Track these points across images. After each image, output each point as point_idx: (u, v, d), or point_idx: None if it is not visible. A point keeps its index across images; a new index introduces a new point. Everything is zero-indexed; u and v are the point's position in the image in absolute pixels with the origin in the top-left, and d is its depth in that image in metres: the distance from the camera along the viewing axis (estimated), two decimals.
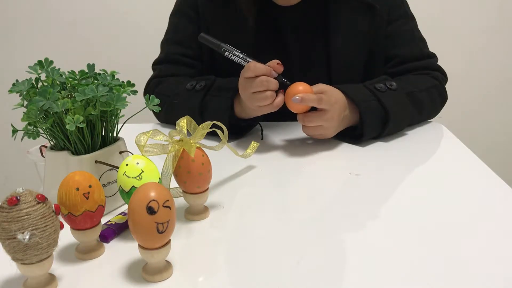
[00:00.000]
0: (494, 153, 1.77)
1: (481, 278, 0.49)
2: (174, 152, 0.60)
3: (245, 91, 0.82)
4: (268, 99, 0.80)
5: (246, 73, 0.81)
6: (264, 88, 0.80)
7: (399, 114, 0.88)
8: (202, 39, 0.89)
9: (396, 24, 0.99)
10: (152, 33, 1.28)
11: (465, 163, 0.81)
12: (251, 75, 0.80)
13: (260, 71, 0.80)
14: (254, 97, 0.81)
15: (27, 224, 0.43)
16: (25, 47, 1.68)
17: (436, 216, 0.62)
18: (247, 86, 0.81)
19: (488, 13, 1.67)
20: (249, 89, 0.81)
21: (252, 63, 0.81)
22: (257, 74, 0.80)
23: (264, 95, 0.80)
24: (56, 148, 0.63)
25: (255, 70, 0.80)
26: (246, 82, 0.82)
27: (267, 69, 0.80)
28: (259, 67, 0.80)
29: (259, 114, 0.87)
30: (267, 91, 0.80)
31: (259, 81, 0.79)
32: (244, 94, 0.83)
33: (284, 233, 0.59)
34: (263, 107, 0.82)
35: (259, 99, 0.81)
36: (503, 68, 1.74)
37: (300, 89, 0.80)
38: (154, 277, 0.49)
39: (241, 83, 0.83)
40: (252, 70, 0.80)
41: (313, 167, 0.80)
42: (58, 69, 0.62)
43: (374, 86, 0.88)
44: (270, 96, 0.80)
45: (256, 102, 0.81)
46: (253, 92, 0.81)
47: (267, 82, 0.79)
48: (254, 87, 0.80)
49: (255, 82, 0.80)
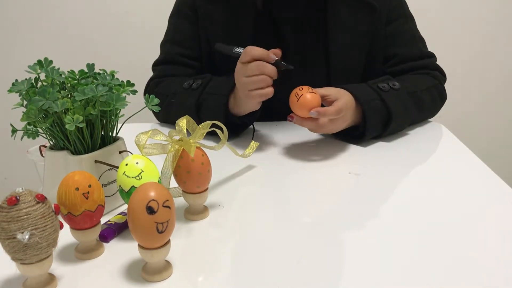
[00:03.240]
0: (494, 153, 1.78)
1: (481, 278, 0.49)
2: (174, 152, 0.60)
3: (240, 77, 0.80)
4: (260, 83, 0.77)
5: (243, 57, 0.79)
6: (258, 72, 0.77)
7: (401, 114, 0.88)
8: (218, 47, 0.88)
9: (395, 24, 0.99)
10: (152, 33, 1.28)
11: (465, 162, 0.81)
12: (248, 59, 0.78)
13: (257, 54, 0.77)
14: (247, 81, 0.78)
15: (27, 224, 0.43)
16: (25, 47, 1.68)
17: (435, 215, 0.62)
18: (242, 72, 0.79)
19: (488, 13, 1.68)
20: (243, 73, 0.78)
21: (249, 47, 0.79)
22: (254, 58, 0.78)
23: (258, 78, 0.77)
24: (55, 148, 0.63)
25: (252, 52, 0.78)
26: (242, 68, 0.79)
27: (264, 52, 0.78)
28: (256, 50, 0.78)
29: (249, 103, 0.83)
30: (262, 75, 0.77)
31: (254, 65, 0.77)
32: (239, 81, 0.80)
33: (283, 232, 0.59)
34: (252, 92, 0.79)
35: (252, 82, 0.78)
36: (503, 68, 1.75)
37: (308, 97, 0.78)
38: (153, 277, 0.49)
39: (237, 70, 0.81)
40: (248, 53, 0.78)
41: (313, 166, 0.80)
42: (58, 68, 0.62)
43: (377, 85, 0.88)
44: (263, 79, 0.77)
45: (248, 86, 0.78)
46: (247, 75, 0.78)
47: (262, 66, 0.77)
48: (250, 69, 0.78)
49: (250, 65, 0.78)
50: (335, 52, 0.97)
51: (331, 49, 0.97)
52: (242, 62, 0.79)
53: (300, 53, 0.99)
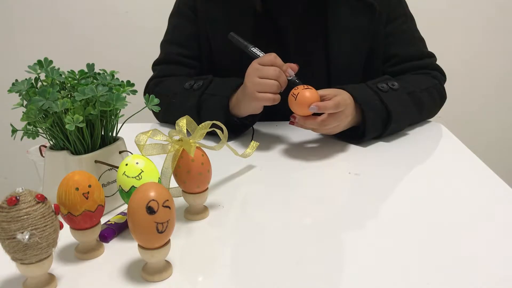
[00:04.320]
0: (494, 153, 1.78)
1: (481, 278, 0.49)
2: (174, 152, 0.60)
3: (253, 76, 0.82)
4: (273, 87, 0.80)
5: (263, 60, 0.82)
6: (274, 78, 0.80)
7: (400, 114, 0.88)
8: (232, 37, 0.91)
9: (395, 24, 0.99)
10: (152, 33, 1.28)
11: (465, 162, 0.81)
12: (268, 64, 0.81)
13: (278, 63, 0.81)
14: (260, 82, 0.81)
15: (27, 224, 0.43)
16: (25, 47, 1.68)
17: (435, 215, 0.62)
18: (257, 72, 0.82)
19: (488, 12, 1.67)
20: (258, 73, 0.81)
21: (274, 54, 0.83)
22: (273, 65, 0.81)
23: (271, 82, 0.80)
24: (55, 148, 0.63)
25: (274, 60, 0.81)
26: (257, 68, 0.82)
27: (284, 65, 0.82)
28: (279, 59, 0.82)
29: (255, 105, 0.85)
30: (275, 81, 0.80)
31: (273, 69, 0.81)
32: (251, 81, 0.82)
33: (283, 232, 0.59)
34: (261, 95, 0.81)
35: (264, 84, 0.80)
36: (502, 67, 1.74)
37: (307, 95, 0.78)
38: (153, 277, 0.49)
39: (252, 68, 0.83)
40: (270, 59, 0.82)
41: (313, 166, 0.80)
42: (58, 68, 0.62)
43: (376, 86, 0.88)
44: (274, 85, 0.80)
45: (259, 87, 0.81)
46: (262, 76, 0.81)
47: (280, 73, 0.81)
48: (266, 71, 0.81)
49: (268, 68, 0.81)
50: (335, 52, 0.97)
51: (331, 49, 0.97)
52: (259, 63, 0.82)
53: (300, 54, 0.99)
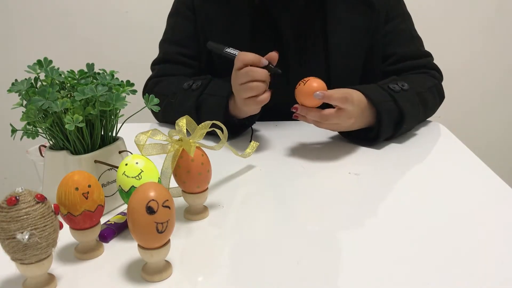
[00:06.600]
0: (493, 152, 1.78)
1: (481, 277, 0.49)
2: (174, 151, 0.60)
3: (235, 84, 0.80)
4: (253, 90, 0.77)
5: (236, 64, 0.79)
6: (249, 79, 0.76)
7: (412, 114, 0.87)
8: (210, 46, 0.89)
9: (393, 23, 0.99)
10: (152, 33, 1.28)
11: (464, 162, 0.81)
12: (240, 65, 0.78)
13: (247, 59, 0.77)
14: (241, 88, 0.78)
15: (26, 224, 0.43)
16: (25, 47, 1.68)
17: (435, 215, 0.62)
18: (236, 79, 0.79)
19: (487, 12, 1.67)
20: (238, 80, 0.78)
21: (241, 53, 0.78)
22: (245, 63, 0.77)
23: (250, 86, 0.76)
24: (55, 148, 0.63)
25: (243, 59, 0.77)
26: (235, 74, 0.79)
27: (255, 58, 0.77)
28: (247, 55, 0.77)
29: (247, 109, 0.83)
30: (253, 81, 0.76)
31: (244, 71, 0.77)
32: (235, 89, 0.81)
33: (283, 233, 0.59)
34: (248, 100, 0.78)
35: (245, 89, 0.77)
36: (501, 67, 1.75)
37: (315, 85, 0.77)
38: (153, 277, 0.49)
39: (232, 77, 0.81)
40: (240, 60, 0.78)
41: (313, 166, 0.80)
42: (57, 68, 0.62)
43: (388, 86, 0.87)
44: (255, 87, 0.76)
45: (242, 94, 0.78)
46: (240, 83, 0.78)
47: (252, 72, 0.76)
48: (242, 76, 0.77)
49: (240, 72, 0.77)
50: (334, 51, 0.97)
51: (331, 48, 0.97)
52: (236, 69, 0.79)
53: (299, 52, 0.99)
